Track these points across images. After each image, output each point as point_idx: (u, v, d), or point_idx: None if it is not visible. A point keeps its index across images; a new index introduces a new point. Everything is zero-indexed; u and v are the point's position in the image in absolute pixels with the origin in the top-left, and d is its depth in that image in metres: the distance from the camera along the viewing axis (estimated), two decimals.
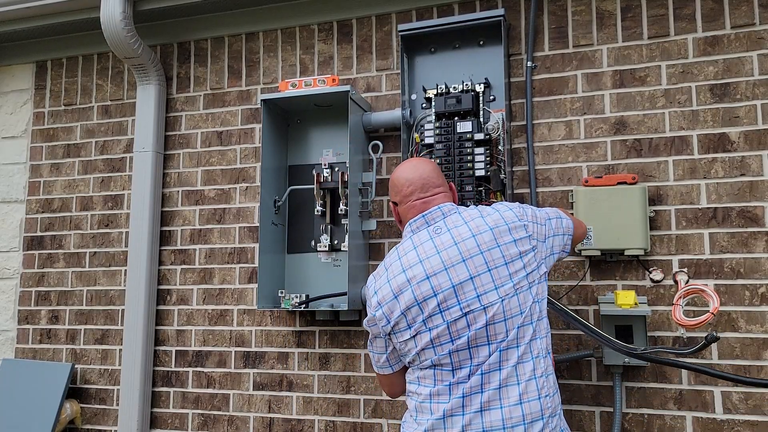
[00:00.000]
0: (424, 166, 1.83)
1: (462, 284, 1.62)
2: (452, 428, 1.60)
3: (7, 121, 3.30)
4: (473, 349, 1.62)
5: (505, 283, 1.62)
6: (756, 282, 2.13)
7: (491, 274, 1.62)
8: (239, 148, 2.86)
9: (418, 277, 1.65)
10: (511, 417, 1.58)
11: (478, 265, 1.63)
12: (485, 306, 1.61)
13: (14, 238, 3.20)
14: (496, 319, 1.61)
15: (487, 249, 1.64)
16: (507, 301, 1.62)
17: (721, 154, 2.21)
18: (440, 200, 1.78)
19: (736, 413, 2.10)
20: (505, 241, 1.65)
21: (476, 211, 1.74)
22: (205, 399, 2.76)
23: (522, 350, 1.62)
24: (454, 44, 2.47)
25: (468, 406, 1.60)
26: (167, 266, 2.90)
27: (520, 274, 1.64)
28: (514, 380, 1.60)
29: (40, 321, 3.09)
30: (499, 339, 1.61)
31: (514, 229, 1.68)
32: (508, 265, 1.64)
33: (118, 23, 2.70)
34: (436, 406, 1.64)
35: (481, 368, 1.61)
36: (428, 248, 1.69)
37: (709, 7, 2.28)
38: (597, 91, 2.37)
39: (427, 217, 1.75)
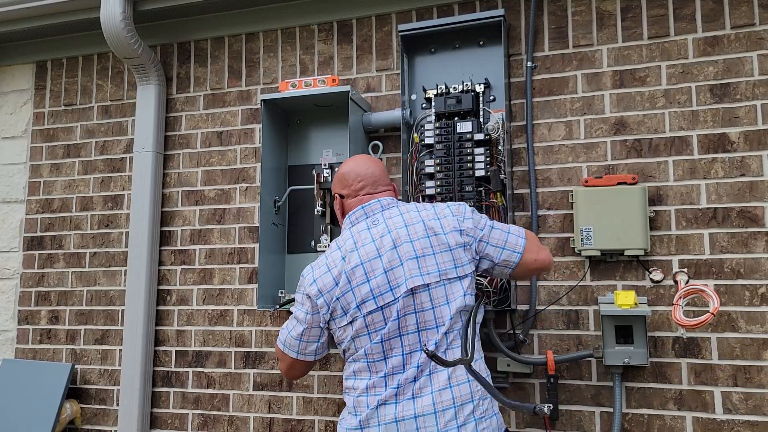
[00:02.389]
0: (375, 164, 1.92)
1: (393, 270, 1.69)
2: (385, 416, 1.65)
3: (7, 121, 3.30)
4: (404, 337, 1.68)
5: (431, 272, 1.68)
6: (756, 282, 2.13)
7: (418, 262, 1.69)
8: (239, 148, 2.86)
9: (354, 263, 1.72)
10: (442, 401, 1.63)
11: (406, 252, 1.70)
12: (414, 292, 1.67)
13: (14, 238, 3.20)
14: (425, 306, 1.68)
15: (417, 239, 1.72)
16: (434, 289, 1.68)
17: (721, 155, 2.21)
18: (384, 196, 1.87)
19: (736, 413, 2.10)
20: (436, 233, 1.72)
21: (413, 205, 1.82)
22: (205, 399, 2.76)
23: (452, 337, 1.68)
24: (454, 44, 2.47)
25: (401, 395, 1.66)
26: (167, 266, 2.90)
27: (448, 265, 1.70)
28: (462, 370, 1.65)
29: (40, 321, 3.09)
30: (428, 326, 1.67)
31: (446, 223, 1.75)
32: (436, 255, 1.70)
33: (118, 23, 2.70)
34: (373, 399, 1.69)
35: (414, 358, 1.67)
36: (365, 237, 1.76)
37: (709, 8, 2.28)
38: (597, 91, 2.37)
39: (366, 209, 1.82)
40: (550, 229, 2.36)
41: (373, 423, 1.67)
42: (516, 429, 2.32)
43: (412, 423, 1.63)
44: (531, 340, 2.35)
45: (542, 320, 2.34)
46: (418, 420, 1.63)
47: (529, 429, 2.31)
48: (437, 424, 1.62)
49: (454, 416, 1.62)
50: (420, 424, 1.62)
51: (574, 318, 2.30)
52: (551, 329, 2.33)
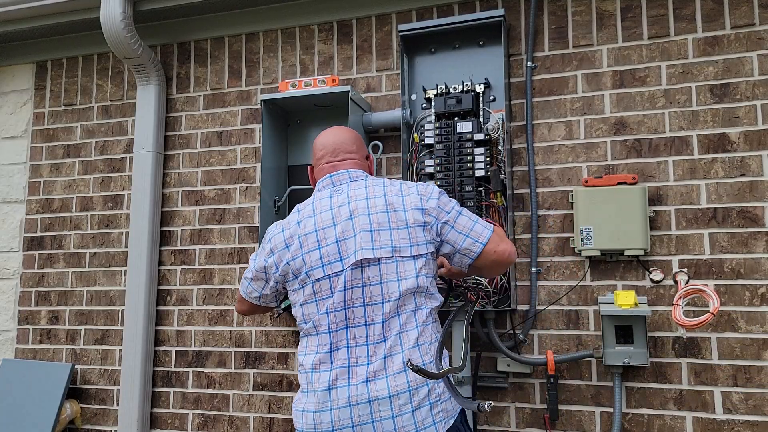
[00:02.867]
0: (340, 133, 1.92)
1: (346, 240, 1.68)
2: (338, 400, 1.63)
3: (7, 121, 3.30)
4: (349, 309, 1.66)
5: (384, 246, 1.66)
6: (756, 282, 2.13)
7: (372, 235, 1.67)
8: (239, 148, 2.86)
9: (308, 229, 1.73)
10: (396, 385, 1.61)
11: (362, 224, 1.69)
12: (363, 265, 1.66)
13: (14, 238, 3.20)
14: (372, 281, 1.66)
15: (375, 212, 1.70)
16: (385, 264, 1.66)
17: (721, 155, 2.21)
18: (349, 165, 1.85)
19: (736, 413, 2.10)
20: (395, 209, 1.70)
21: (381, 180, 1.80)
22: (205, 399, 2.76)
23: (404, 318, 1.66)
24: (454, 44, 2.47)
25: (354, 377, 1.64)
26: (167, 266, 2.90)
27: (403, 243, 1.68)
28: (398, 349, 1.63)
29: (40, 321, 3.09)
30: (374, 301, 1.65)
31: (409, 200, 1.72)
32: (392, 231, 1.68)
33: (118, 23, 2.70)
34: (323, 376, 1.67)
35: (359, 333, 1.65)
36: (324, 205, 1.76)
37: (709, 8, 2.28)
38: (597, 91, 2.37)
39: (333, 178, 1.83)
40: (550, 229, 2.37)
41: (325, 407, 1.64)
42: (516, 429, 2.32)
43: (366, 407, 1.61)
44: (531, 340, 2.35)
45: (542, 320, 2.34)
46: (372, 404, 1.60)
47: (529, 429, 2.31)
48: (392, 408, 1.59)
49: (409, 400, 1.60)
50: (374, 409, 1.60)
51: (574, 318, 2.30)
52: (551, 329, 2.33)
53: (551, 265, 2.35)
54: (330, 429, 1.63)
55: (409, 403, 1.60)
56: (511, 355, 2.28)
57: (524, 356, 2.31)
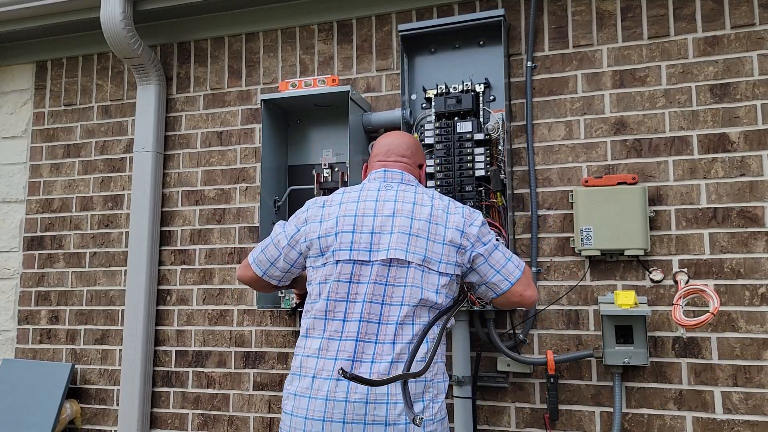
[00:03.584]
0: (398, 137, 1.94)
1: (381, 234, 1.69)
2: (336, 392, 1.61)
3: (7, 121, 3.30)
4: (366, 303, 1.65)
5: (417, 253, 1.67)
6: (756, 282, 2.13)
7: (409, 239, 1.67)
8: (239, 148, 2.86)
9: (349, 211, 1.73)
10: (396, 393, 1.59)
11: (402, 225, 1.69)
12: (391, 264, 1.66)
13: (14, 238, 3.20)
14: (398, 282, 1.65)
15: (417, 218, 1.70)
16: (413, 269, 1.66)
17: (721, 154, 2.21)
18: (399, 167, 1.86)
19: (736, 413, 2.10)
20: (437, 223, 1.71)
21: (431, 192, 1.80)
22: (205, 399, 2.76)
23: (418, 330, 1.65)
24: (454, 44, 2.47)
25: (357, 371, 1.61)
26: (167, 266, 2.90)
27: (435, 256, 1.68)
28: (406, 358, 1.62)
29: (40, 321, 3.09)
30: (394, 302, 1.64)
31: (452, 219, 1.73)
32: (428, 241, 1.69)
33: (118, 23, 2.70)
34: (323, 362, 1.65)
35: (371, 329, 1.63)
36: (371, 195, 1.76)
37: (709, 7, 2.28)
38: (597, 91, 2.37)
39: (387, 174, 1.83)
40: (550, 229, 2.37)
41: (321, 395, 1.62)
42: (516, 429, 2.32)
43: (362, 407, 1.59)
44: (531, 340, 2.35)
45: (542, 320, 2.34)
46: (369, 406, 1.59)
47: (529, 429, 2.31)
48: (387, 415, 1.58)
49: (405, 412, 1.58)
50: (369, 411, 1.59)
51: (574, 318, 2.30)
52: (551, 329, 2.33)
53: (551, 265, 2.35)
54: (321, 419, 1.61)
55: (404, 415, 1.59)
56: (511, 355, 2.28)
57: (524, 356, 2.31)
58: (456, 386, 2.27)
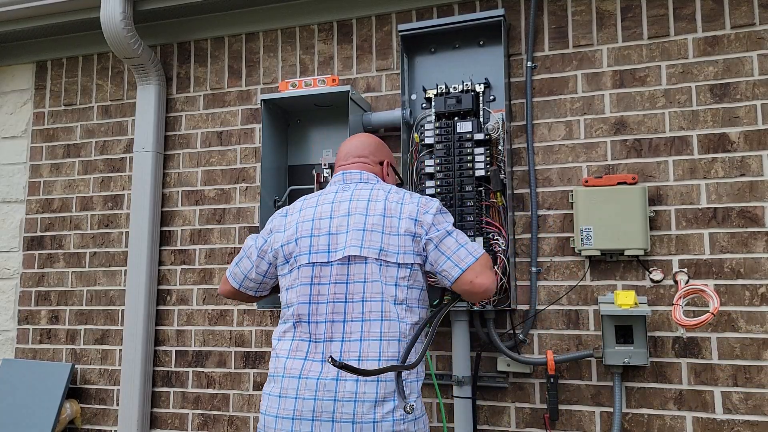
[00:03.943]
0: (354, 139, 1.98)
1: (337, 235, 1.72)
2: (306, 390, 1.64)
3: (7, 121, 3.30)
4: (330, 304, 1.68)
5: (372, 247, 1.68)
6: (756, 282, 2.13)
7: (363, 234, 1.69)
8: (239, 148, 2.86)
9: (307, 217, 1.78)
10: (365, 392, 1.61)
11: (356, 223, 1.71)
12: (350, 262, 1.68)
13: (14, 238, 3.20)
14: (356, 278, 1.67)
15: (372, 214, 1.72)
16: (370, 264, 1.67)
17: (721, 154, 2.21)
18: (356, 168, 1.89)
19: (736, 413, 2.10)
20: (391, 215, 1.72)
21: (388, 187, 1.82)
22: (205, 399, 2.76)
23: (387, 327, 1.66)
24: (454, 44, 2.47)
25: (326, 371, 1.65)
26: (167, 266, 2.90)
27: (391, 249, 1.69)
28: (376, 356, 1.63)
29: (40, 321, 3.09)
30: (355, 299, 1.67)
31: (406, 209, 1.73)
32: (383, 234, 1.70)
33: (118, 23, 2.70)
34: (292, 362, 1.70)
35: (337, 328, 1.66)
36: (328, 198, 1.81)
37: (709, 7, 2.28)
38: (597, 91, 2.37)
39: (346, 176, 1.88)
40: (550, 229, 2.37)
41: (291, 394, 1.66)
42: (516, 429, 2.32)
43: (331, 405, 1.61)
44: (531, 340, 2.35)
45: (542, 320, 2.34)
46: (337, 404, 1.61)
47: (529, 429, 2.31)
48: (354, 413, 1.60)
49: (372, 410, 1.60)
50: (338, 408, 1.61)
51: (574, 318, 2.30)
52: (551, 329, 2.33)
53: (551, 265, 2.35)
54: (291, 416, 1.64)
55: (372, 414, 1.59)
56: (511, 355, 2.28)
57: (524, 356, 2.31)
58: (456, 386, 2.28)
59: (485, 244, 2.25)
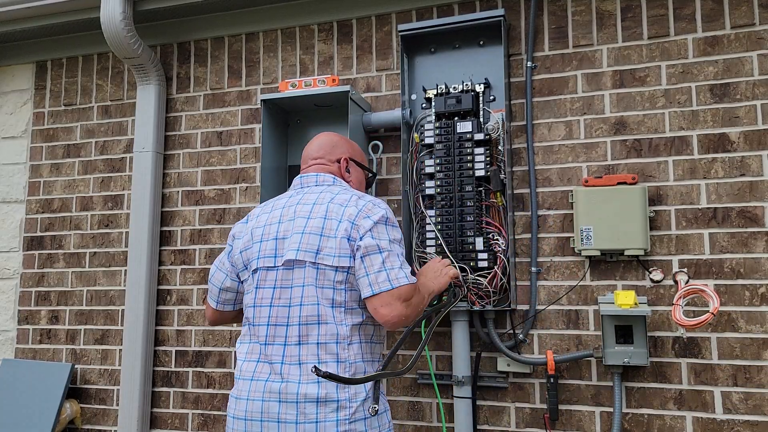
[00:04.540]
0: (313, 142, 1.98)
1: (284, 239, 1.73)
2: (255, 392, 1.68)
3: (7, 121, 3.30)
4: (273, 308, 1.70)
5: (308, 250, 1.68)
6: (756, 282, 2.13)
7: (302, 238, 1.70)
8: (239, 148, 2.86)
9: (260, 223, 1.80)
10: (306, 393, 1.62)
11: (298, 226, 1.73)
12: (293, 267, 1.69)
13: (14, 238, 3.20)
14: (296, 282, 1.68)
15: (314, 217, 1.73)
16: (308, 268, 1.67)
17: (721, 154, 2.21)
18: (312, 170, 1.90)
19: (736, 413, 2.10)
20: (331, 218, 1.71)
21: (338, 189, 1.81)
22: (205, 399, 2.76)
23: (324, 330, 1.66)
24: (454, 44, 2.47)
25: (273, 373, 1.68)
26: (167, 266, 2.90)
27: (328, 251, 1.68)
28: (314, 359, 1.64)
29: (40, 321, 3.09)
30: (294, 303, 1.67)
31: (347, 212, 1.72)
32: (321, 237, 1.69)
33: (118, 23, 2.70)
34: (246, 364, 1.74)
35: (280, 332, 1.68)
36: (280, 203, 1.83)
37: (709, 7, 2.28)
38: (597, 91, 2.37)
39: (302, 179, 1.89)
40: (550, 229, 2.37)
41: (244, 395, 1.70)
42: (516, 429, 2.32)
43: (276, 406, 1.64)
44: (531, 340, 2.35)
45: (542, 320, 2.34)
46: (281, 405, 1.63)
47: (529, 429, 2.31)
48: (297, 414, 1.61)
49: (315, 410, 1.60)
50: (282, 410, 1.63)
51: (574, 318, 2.30)
52: (551, 329, 2.33)
53: (551, 265, 2.35)
54: (243, 417, 1.68)
55: (315, 414, 1.60)
56: (511, 355, 2.28)
57: (524, 356, 2.31)
58: (456, 386, 2.28)
59: (485, 244, 2.25)
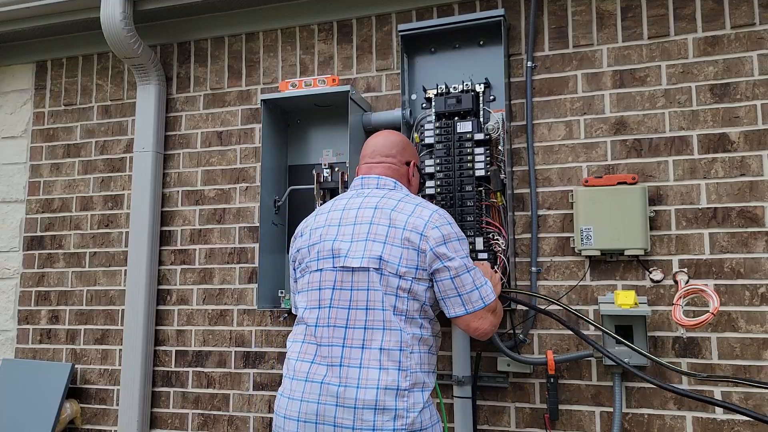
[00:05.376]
0: (385, 138, 1.94)
1: (342, 242, 1.72)
2: (311, 393, 1.65)
3: (7, 121, 3.30)
4: (333, 309, 1.69)
5: (373, 257, 1.67)
6: (756, 282, 2.13)
7: (365, 245, 1.69)
8: (239, 148, 2.86)
9: (319, 223, 1.80)
10: (364, 399, 1.60)
11: (360, 232, 1.71)
12: (353, 270, 1.68)
13: (14, 238, 3.20)
14: (360, 285, 1.67)
15: (377, 223, 1.71)
16: (372, 273, 1.66)
17: (721, 154, 2.21)
18: (381, 170, 1.87)
19: (736, 413, 2.10)
20: (396, 226, 1.70)
21: (401, 195, 1.79)
22: (205, 399, 2.76)
23: (389, 336, 1.64)
24: (454, 44, 2.47)
25: (330, 375, 1.65)
26: (167, 266, 2.90)
27: (393, 259, 1.67)
28: (376, 364, 1.63)
29: (40, 321, 3.09)
30: (359, 306, 1.67)
31: (413, 222, 1.70)
32: (385, 245, 1.68)
33: (118, 23, 2.70)
34: (300, 364, 1.71)
35: (338, 334, 1.67)
36: (341, 204, 1.82)
37: (709, 7, 2.28)
38: (597, 91, 2.37)
39: (363, 180, 1.87)
40: (550, 229, 2.36)
41: (297, 396, 1.68)
42: (516, 429, 2.32)
43: (332, 409, 1.62)
44: (531, 340, 2.35)
45: (542, 320, 2.34)
46: (338, 409, 1.61)
47: (529, 429, 2.31)
48: (354, 419, 1.59)
49: (373, 417, 1.58)
50: (338, 414, 1.61)
51: (575, 318, 2.30)
52: (551, 329, 2.33)
53: (551, 265, 2.35)
54: (296, 419, 1.66)
55: (372, 421, 1.59)
56: (511, 355, 2.28)
57: (524, 356, 2.31)
58: (456, 386, 2.28)
59: (485, 243, 2.25)
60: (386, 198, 1.78)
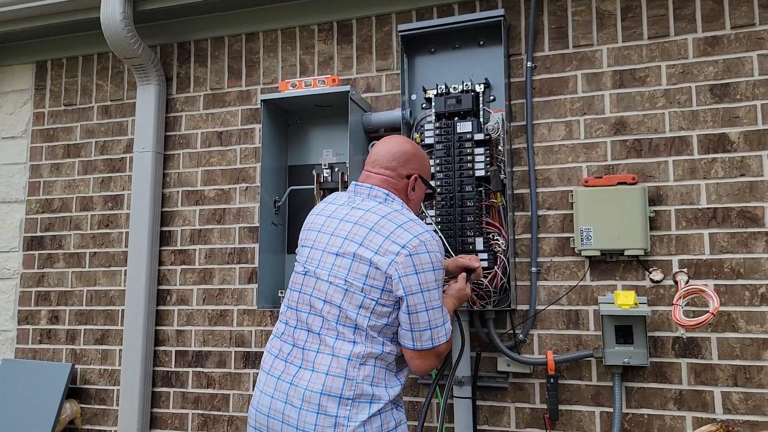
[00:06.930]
0: (389, 146, 1.87)
1: (317, 250, 1.75)
2: (267, 386, 1.71)
3: (7, 121, 3.30)
4: (301, 313, 1.73)
5: (339, 274, 1.68)
6: (756, 282, 2.13)
7: (335, 259, 1.70)
8: (239, 148, 2.86)
9: (308, 225, 1.85)
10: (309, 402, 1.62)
11: (333, 244, 1.72)
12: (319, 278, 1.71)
13: (14, 238, 3.20)
14: (324, 296, 1.69)
15: (351, 239, 1.70)
16: (335, 287, 1.67)
17: (721, 155, 2.21)
18: (375, 181, 1.83)
19: (736, 413, 2.10)
20: (368, 246, 1.67)
21: (386, 209, 1.74)
22: (205, 399, 2.76)
23: (339, 345, 1.65)
24: (454, 44, 2.47)
25: (286, 373, 1.69)
26: (167, 266, 2.90)
27: (358, 278, 1.65)
28: (324, 369, 1.64)
29: (40, 321, 3.09)
30: (318, 313, 1.69)
31: (387, 245, 1.65)
32: (353, 262, 1.67)
33: (118, 23, 2.70)
34: (268, 356, 1.78)
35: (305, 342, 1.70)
36: (329, 209, 1.82)
37: (709, 7, 2.28)
38: (597, 91, 2.37)
39: (357, 188, 1.85)
40: (550, 229, 2.36)
41: (260, 386, 1.74)
42: (516, 429, 2.33)
43: (282, 405, 1.65)
44: (531, 340, 2.35)
45: (542, 320, 2.34)
46: (286, 406, 1.64)
47: (529, 429, 2.31)
48: (298, 419, 1.62)
49: (314, 422, 1.60)
50: (286, 411, 1.64)
51: (574, 318, 2.30)
52: (551, 329, 2.33)
53: (551, 265, 2.35)
54: (255, 408, 1.73)
55: (314, 425, 1.60)
56: (511, 355, 2.28)
57: (524, 356, 2.31)
58: (456, 386, 2.28)
59: (485, 244, 2.25)
60: (371, 212, 1.73)
